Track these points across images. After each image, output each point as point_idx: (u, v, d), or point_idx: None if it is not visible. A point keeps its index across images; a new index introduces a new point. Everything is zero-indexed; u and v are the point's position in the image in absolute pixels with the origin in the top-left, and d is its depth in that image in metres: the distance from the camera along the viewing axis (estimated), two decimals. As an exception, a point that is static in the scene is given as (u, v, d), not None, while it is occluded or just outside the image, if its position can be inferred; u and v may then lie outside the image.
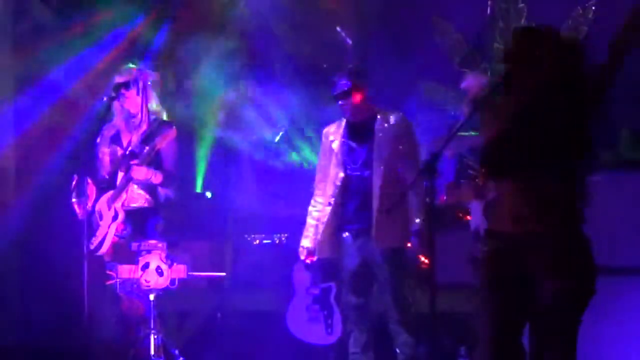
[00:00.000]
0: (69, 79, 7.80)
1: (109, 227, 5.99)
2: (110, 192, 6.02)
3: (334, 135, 6.05)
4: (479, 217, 5.43)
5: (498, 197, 3.95)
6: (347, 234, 5.98)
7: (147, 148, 5.91)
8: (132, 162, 5.93)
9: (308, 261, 6.16)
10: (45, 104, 7.74)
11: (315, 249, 6.10)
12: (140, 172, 5.93)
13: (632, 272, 6.02)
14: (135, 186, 6.02)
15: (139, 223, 6.04)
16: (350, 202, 5.95)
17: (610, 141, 7.30)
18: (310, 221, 6.13)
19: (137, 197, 6.06)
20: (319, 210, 6.09)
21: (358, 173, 5.95)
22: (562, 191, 3.90)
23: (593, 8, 7.70)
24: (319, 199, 6.11)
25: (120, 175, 6.03)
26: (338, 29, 8.24)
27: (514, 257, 3.91)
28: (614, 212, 6.06)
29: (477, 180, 6.18)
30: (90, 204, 5.97)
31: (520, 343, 4.04)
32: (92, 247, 5.94)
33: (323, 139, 6.16)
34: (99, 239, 5.99)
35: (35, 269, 7.36)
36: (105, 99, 6.04)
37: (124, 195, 6.00)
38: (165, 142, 5.90)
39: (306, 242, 6.14)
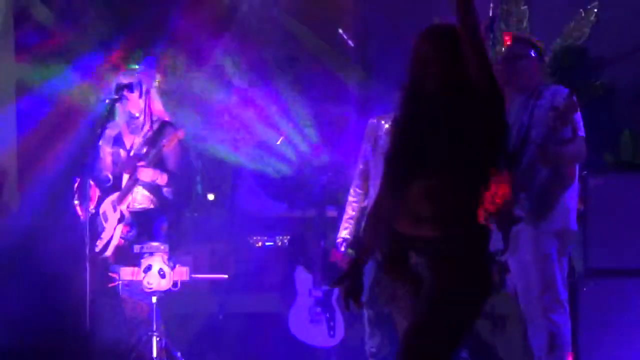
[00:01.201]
0: (70, 82, 7.80)
1: (114, 229, 6.00)
2: (116, 194, 6.04)
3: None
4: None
5: (402, 196, 3.74)
6: None
7: (154, 150, 5.92)
8: (138, 164, 5.95)
9: (345, 250, 6.04)
10: (47, 107, 7.73)
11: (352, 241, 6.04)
12: (147, 173, 5.94)
13: (635, 275, 6.01)
14: (140, 187, 6.03)
15: (145, 224, 6.05)
16: None
17: (612, 143, 7.29)
18: (351, 212, 6.03)
19: (142, 198, 6.07)
20: (359, 202, 6.03)
21: None
22: (458, 197, 3.67)
23: (595, 10, 7.70)
24: (362, 191, 6.04)
25: (126, 177, 6.04)
26: (340, 31, 8.25)
27: (410, 260, 3.74)
28: (616, 215, 6.06)
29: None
30: (92, 206, 5.98)
31: None
32: (97, 249, 5.95)
33: (370, 132, 6.02)
34: (104, 241, 6.00)
35: (37, 271, 7.35)
36: (107, 101, 6.04)
37: (129, 197, 6.02)
38: (172, 144, 5.92)
39: (345, 233, 6.02)
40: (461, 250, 3.67)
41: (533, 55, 5.44)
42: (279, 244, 7.63)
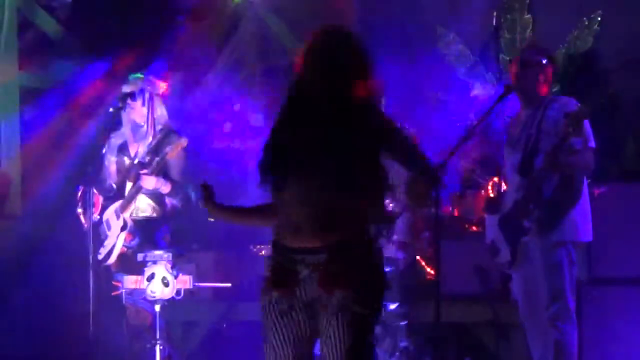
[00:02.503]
0: (74, 90, 7.81)
1: (117, 237, 6.00)
2: (119, 202, 6.04)
3: None
4: (494, 229, 5.39)
5: (281, 207, 3.56)
6: None
7: (157, 158, 5.93)
8: (141, 172, 5.95)
9: None
10: (51, 115, 7.75)
11: None
12: (150, 181, 5.95)
13: (637, 283, 6.01)
14: (143, 196, 6.04)
15: (148, 233, 6.05)
16: None
17: (615, 152, 7.29)
18: None
19: (145, 206, 6.07)
20: None
21: None
22: (343, 204, 3.45)
23: (599, 19, 7.72)
24: None
25: (129, 185, 6.05)
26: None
27: (295, 273, 3.52)
28: (620, 223, 6.05)
29: (483, 191, 6.19)
30: (96, 214, 5.99)
31: None
32: (100, 257, 5.96)
33: None
34: (108, 249, 6.00)
35: (40, 279, 7.36)
36: (111, 109, 6.06)
37: (132, 205, 6.02)
38: (175, 152, 5.92)
39: None
40: (346, 260, 3.46)
41: (544, 63, 5.36)
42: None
